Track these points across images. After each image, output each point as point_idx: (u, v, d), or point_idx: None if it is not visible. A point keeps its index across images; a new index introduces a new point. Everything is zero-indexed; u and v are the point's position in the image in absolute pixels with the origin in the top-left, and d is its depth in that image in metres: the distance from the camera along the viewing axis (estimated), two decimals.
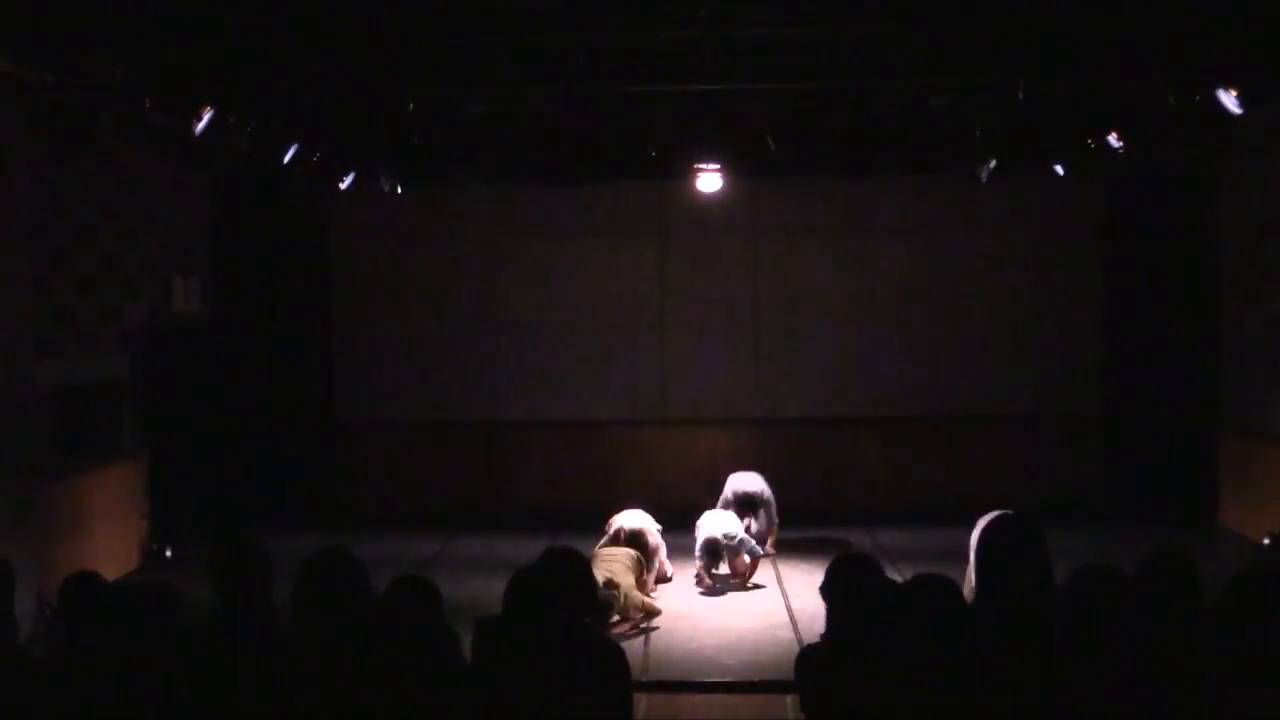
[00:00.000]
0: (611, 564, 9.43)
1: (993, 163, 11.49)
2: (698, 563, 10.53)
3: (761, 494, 11.40)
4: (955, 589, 4.08)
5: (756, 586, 10.54)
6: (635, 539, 10.25)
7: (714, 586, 10.43)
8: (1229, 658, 3.63)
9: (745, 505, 11.26)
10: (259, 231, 13.79)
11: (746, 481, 11.55)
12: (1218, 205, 12.99)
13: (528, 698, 3.84)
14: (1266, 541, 11.16)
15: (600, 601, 8.77)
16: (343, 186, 12.27)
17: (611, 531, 10.48)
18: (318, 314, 14.29)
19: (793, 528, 12.74)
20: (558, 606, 3.98)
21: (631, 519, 10.54)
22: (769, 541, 11.50)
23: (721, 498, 11.43)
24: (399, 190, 12.64)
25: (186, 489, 12.57)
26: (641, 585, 9.69)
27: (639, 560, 9.82)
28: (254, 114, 9.64)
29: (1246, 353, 12.39)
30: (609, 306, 14.37)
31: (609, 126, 11.78)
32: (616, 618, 9.24)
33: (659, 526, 10.65)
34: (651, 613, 9.44)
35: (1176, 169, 12.90)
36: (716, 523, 10.62)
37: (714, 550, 10.39)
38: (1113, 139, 10.33)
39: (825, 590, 4.25)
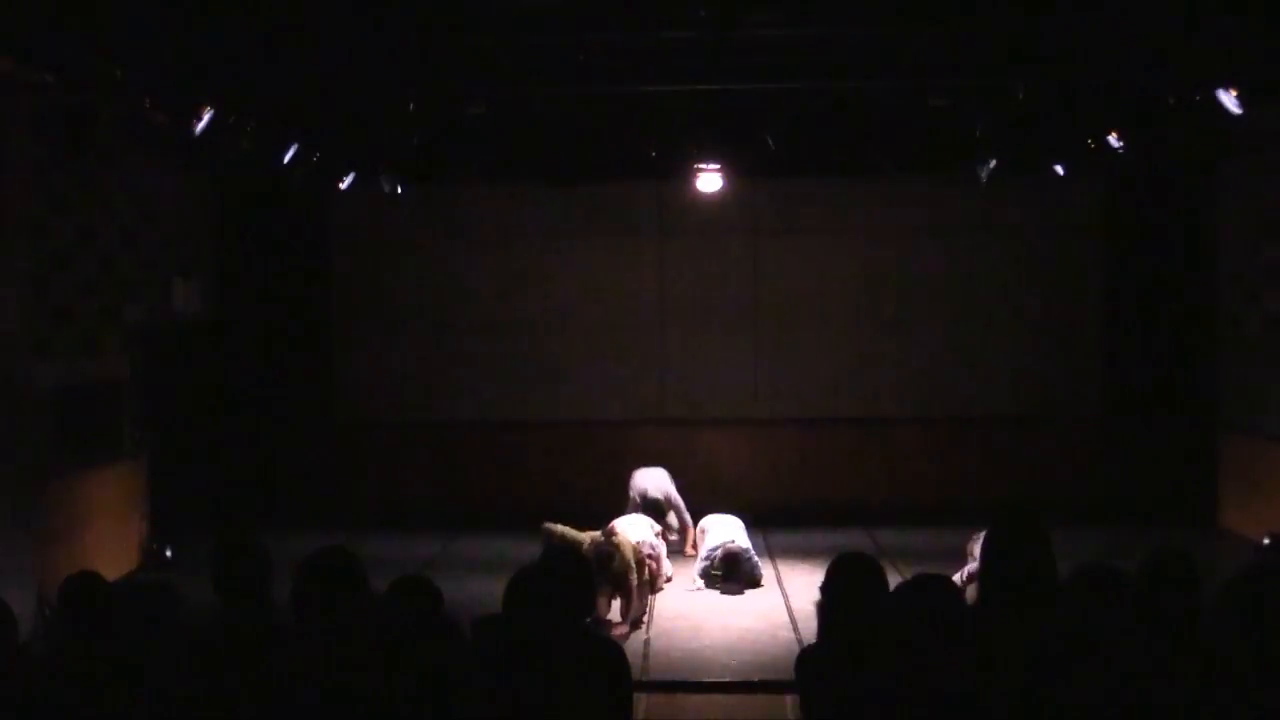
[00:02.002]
0: (628, 530, 9.48)
1: (993, 163, 11.49)
2: (702, 565, 10.46)
3: (669, 497, 11.20)
4: (955, 589, 4.07)
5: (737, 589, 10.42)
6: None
7: (712, 584, 10.42)
8: (1229, 658, 3.63)
9: (653, 510, 11.04)
10: (259, 231, 13.81)
11: (651, 481, 11.34)
12: (1218, 205, 13.00)
13: (528, 698, 3.84)
14: (1266, 541, 11.16)
15: (601, 553, 8.79)
16: (343, 186, 12.28)
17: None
18: (318, 314, 14.29)
19: (791, 528, 12.75)
20: (558, 606, 3.98)
21: (634, 529, 10.21)
22: (689, 542, 11.35)
23: (630, 500, 11.31)
24: (399, 190, 12.65)
25: (186, 489, 12.57)
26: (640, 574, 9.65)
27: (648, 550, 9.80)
28: (254, 114, 9.64)
29: (1246, 353, 12.39)
30: (609, 306, 14.37)
31: (609, 126, 11.78)
32: (617, 614, 9.24)
33: (659, 529, 10.59)
34: (654, 577, 9.41)
35: (1176, 169, 12.90)
36: (728, 531, 10.51)
37: (733, 562, 10.27)
38: (1113, 139, 10.33)
39: (825, 590, 4.24)
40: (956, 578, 8.25)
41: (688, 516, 11.51)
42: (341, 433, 14.35)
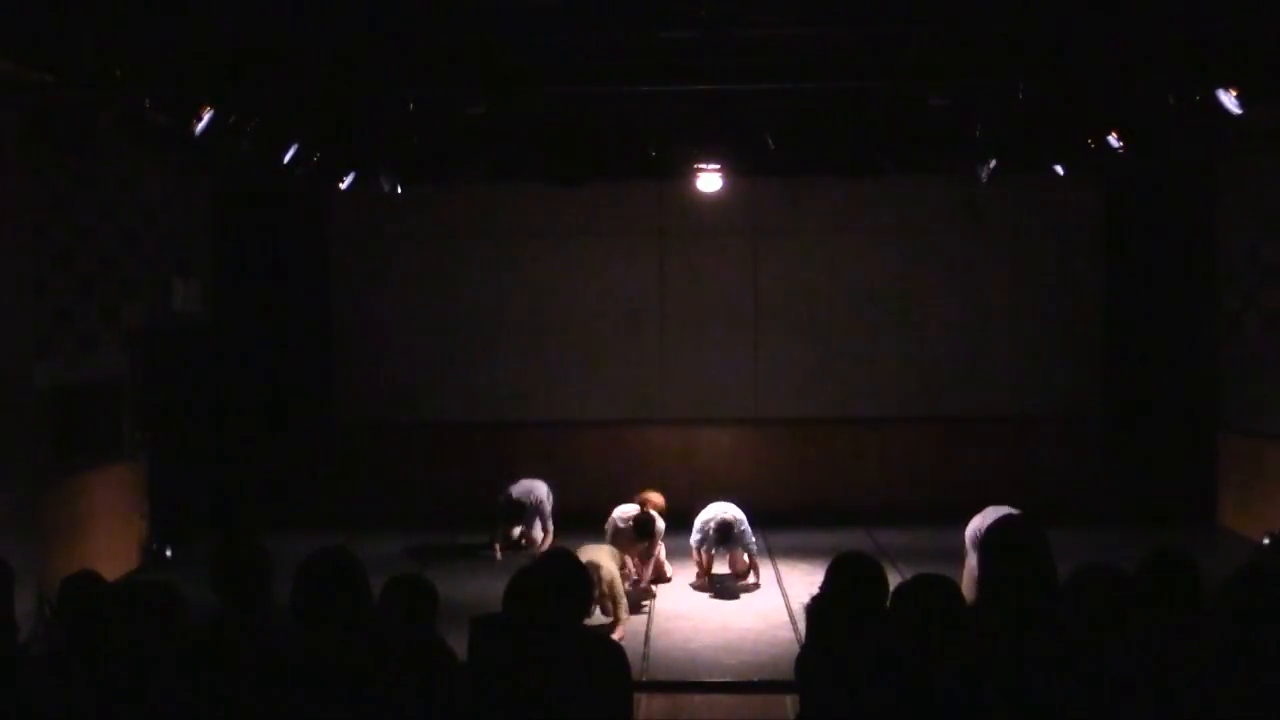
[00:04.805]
0: (593, 554, 9.43)
1: (993, 163, 11.49)
2: (697, 553, 10.47)
3: (539, 504, 11.48)
4: (955, 589, 4.07)
5: (740, 588, 10.48)
6: (641, 524, 10.20)
7: (712, 581, 10.40)
8: (1229, 657, 3.63)
9: (515, 511, 11.43)
10: (259, 231, 13.80)
11: (524, 487, 11.67)
12: (1218, 205, 13.00)
13: (527, 698, 3.84)
14: (1266, 541, 11.17)
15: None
16: (343, 186, 12.27)
17: (616, 518, 10.49)
18: (318, 314, 14.30)
19: (791, 528, 12.76)
20: (557, 606, 3.98)
21: (629, 510, 10.52)
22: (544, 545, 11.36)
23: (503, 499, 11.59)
24: (399, 190, 12.64)
25: (186, 489, 12.57)
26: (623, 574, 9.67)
27: (620, 556, 9.81)
28: (254, 114, 9.64)
29: (1246, 353, 12.39)
30: (609, 306, 14.37)
31: (609, 126, 11.78)
32: (609, 619, 9.23)
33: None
34: (641, 595, 9.36)
35: (1177, 170, 12.90)
36: (722, 505, 10.55)
37: (726, 530, 10.28)
38: (1113, 139, 10.33)
39: (825, 590, 4.24)
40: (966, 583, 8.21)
41: (550, 526, 11.65)
42: (341, 433, 14.35)
